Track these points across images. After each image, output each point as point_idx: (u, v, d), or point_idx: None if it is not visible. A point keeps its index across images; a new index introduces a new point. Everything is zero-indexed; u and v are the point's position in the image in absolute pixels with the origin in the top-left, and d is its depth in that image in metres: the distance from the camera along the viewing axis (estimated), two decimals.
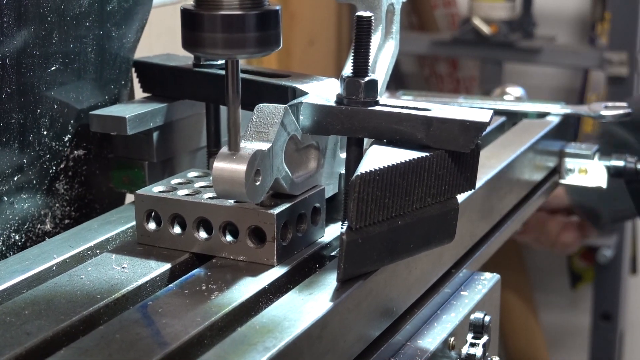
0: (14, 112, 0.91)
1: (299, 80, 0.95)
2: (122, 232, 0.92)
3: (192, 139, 1.05)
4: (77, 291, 0.78)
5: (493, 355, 0.99)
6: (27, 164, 0.93)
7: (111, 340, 0.70)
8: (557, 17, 2.66)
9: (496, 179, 1.09)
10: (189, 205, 0.85)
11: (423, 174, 0.81)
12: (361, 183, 0.76)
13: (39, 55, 0.93)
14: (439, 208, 0.83)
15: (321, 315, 0.74)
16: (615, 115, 1.29)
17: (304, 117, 0.86)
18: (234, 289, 0.79)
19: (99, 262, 0.84)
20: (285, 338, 0.70)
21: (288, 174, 0.84)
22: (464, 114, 0.83)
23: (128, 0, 1.02)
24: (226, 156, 0.79)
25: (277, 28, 0.80)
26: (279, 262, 0.83)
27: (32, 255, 0.86)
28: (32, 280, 0.82)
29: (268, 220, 0.83)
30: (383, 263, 0.81)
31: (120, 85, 1.04)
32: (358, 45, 0.84)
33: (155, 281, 0.82)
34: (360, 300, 0.79)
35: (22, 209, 0.94)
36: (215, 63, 1.01)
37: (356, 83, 0.84)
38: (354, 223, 0.76)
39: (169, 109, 1.01)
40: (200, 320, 0.73)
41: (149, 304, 0.76)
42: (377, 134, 0.84)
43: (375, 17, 0.91)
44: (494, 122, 1.29)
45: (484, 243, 1.08)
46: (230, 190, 0.79)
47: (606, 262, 2.49)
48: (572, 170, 1.32)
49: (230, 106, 0.81)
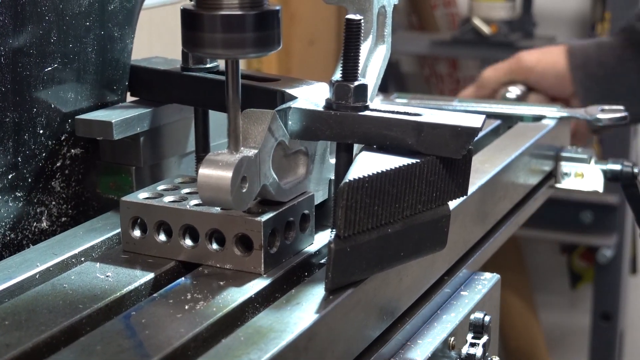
0: (9, 111, 0.90)
1: (288, 85, 0.93)
2: (107, 239, 0.90)
3: (180, 144, 1.04)
4: (60, 301, 0.77)
5: (493, 355, 0.99)
6: (22, 162, 0.93)
7: (92, 352, 0.69)
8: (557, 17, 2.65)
9: (490, 184, 1.07)
10: (175, 212, 0.84)
11: (414, 180, 0.80)
12: (349, 190, 0.75)
13: (35, 55, 0.92)
14: (430, 215, 0.82)
15: (308, 326, 0.72)
16: (611, 118, 1.29)
17: (292, 122, 0.85)
18: (219, 299, 0.77)
19: (83, 271, 0.83)
20: (271, 350, 0.68)
21: (276, 180, 0.83)
22: (455, 119, 0.81)
23: (130, 0, 1.01)
24: (212, 162, 0.78)
25: (277, 28, 0.79)
26: (266, 270, 0.82)
27: (15, 264, 0.84)
28: (14, 289, 0.80)
29: (255, 228, 0.81)
30: (373, 272, 0.80)
31: (123, 86, 1.03)
32: (347, 49, 0.83)
33: (140, 290, 0.81)
34: (348, 310, 0.78)
35: (18, 207, 0.93)
36: (204, 66, 0.99)
37: (345, 88, 0.83)
38: (342, 231, 0.75)
39: (157, 113, 0.99)
40: (184, 332, 0.72)
41: (132, 314, 0.75)
42: (366, 140, 0.83)
43: (366, 20, 0.90)
44: (489, 125, 1.28)
45: (478, 249, 1.06)
46: (215, 198, 0.78)
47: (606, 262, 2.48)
48: (568, 174, 1.31)
49: (230, 107, 0.80)
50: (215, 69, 1.00)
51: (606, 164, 1.32)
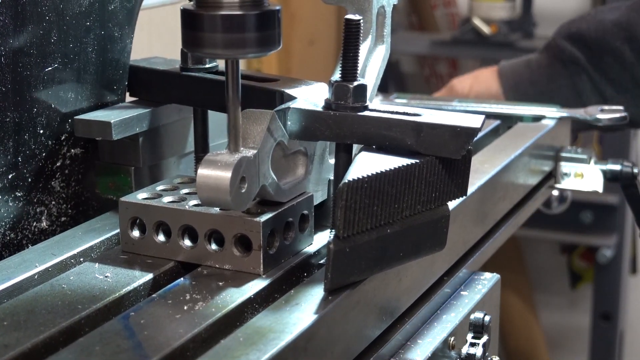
0: (9, 111, 0.90)
1: (287, 85, 0.93)
2: (106, 240, 0.90)
3: (179, 144, 1.04)
4: (58, 301, 0.77)
5: (493, 355, 0.99)
6: (23, 162, 0.93)
7: (91, 352, 0.68)
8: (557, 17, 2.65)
9: (490, 184, 1.07)
10: (174, 212, 0.84)
11: (413, 180, 0.79)
12: (348, 190, 0.75)
13: (36, 55, 0.92)
14: (430, 215, 0.82)
15: (307, 326, 0.72)
16: (611, 118, 1.28)
17: (291, 123, 0.84)
18: (218, 299, 0.77)
19: (82, 271, 0.82)
20: (270, 351, 0.68)
21: (275, 180, 0.83)
22: (454, 120, 0.81)
23: (130, 0, 1.01)
24: (211, 162, 0.77)
25: (277, 28, 0.79)
26: (265, 271, 0.82)
27: (14, 264, 0.84)
28: (12, 290, 0.80)
29: (254, 228, 0.81)
30: (372, 272, 0.79)
31: (123, 86, 1.03)
32: (347, 49, 0.83)
33: (139, 291, 0.81)
34: (348, 311, 0.78)
35: (18, 206, 0.93)
36: (203, 67, 0.99)
37: (345, 88, 0.83)
38: (342, 231, 0.75)
39: (156, 114, 0.99)
40: (183, 332, 0.71)
41: (131, 315, 0.74)
42: (366, 140, 0.83)
43: (365, 20, 0.90)
44: (488, 125, 1.27)
45: (478, 249, 1.06)
46: (214, 198, 0.77)
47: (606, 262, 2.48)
48: (567, 174, 1.31)
49: (230, 107, 0.80)
50: (214, 69, 0.99)
51: (606, 164, 1.32)
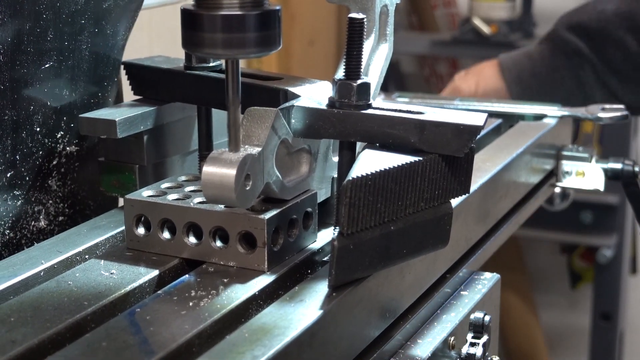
0: (7, 109, 0.90)
1: (291, 83, 0.94)
2: (111, 237, 0.91)
3: (183, 142, 1.04)
4: (65, 298, 0.77)
5: (493, 355, 0.99)
6: (21, 160, 0.93)
7: (97, 348, 0.69)
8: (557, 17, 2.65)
9: (492, 182, 1.08)
10: (179, 210, 0.84)
11: (416, 178, 0.80)
12: (352, 188, 0.75)
13: (33, 52, 0.92)
14: (433, 213, 0.82)
15: (311, 322, 0.73)
16: (612, 117, 1.29)
17: (295, 121, 0.85)
18: (223, 296, 0.78)
19: (87, 268, 0.83)
20: (275, 346, 0.69)
21: (279, 178, 0.83)
22: (457, 118, 0.82)
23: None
24: (216, 160, 0.78)
25: (277, 28, 0.79)
26: (269, 267, 0.82)
27: (20, 261, 0.85)
28: (19, 287, 0.81)
29: (258, 226, 0.81)
30: (375, 269, 0.80)
31: (112, 83, 1.03)
32: (350, 47, 0.83)
33: (144, 287, 0.81)
34: (351, 307, 0.78)
35: (16, 205, 0.93)
36: (207, 65, 0.99)
37: (348, 86, 0.83)
38: (345, 229, 0.75)
39: (160, 112, 1.00)
40: (189, 328, 0.72)
41: (137, 311, 0.75)
42: (369, 138, 0.83)
43: (368, 18, 0.91)
44: (490, 124, 1.28)
45: (480, 247, 1.07)
46: (219, 195, 0.78)
47: (606, 262, 2.49)
48: (569, 172, 1.31)
49: (230, 106, 0.80)
50: (218, 68, 1.00)
51: (607, 163, 1.32)
